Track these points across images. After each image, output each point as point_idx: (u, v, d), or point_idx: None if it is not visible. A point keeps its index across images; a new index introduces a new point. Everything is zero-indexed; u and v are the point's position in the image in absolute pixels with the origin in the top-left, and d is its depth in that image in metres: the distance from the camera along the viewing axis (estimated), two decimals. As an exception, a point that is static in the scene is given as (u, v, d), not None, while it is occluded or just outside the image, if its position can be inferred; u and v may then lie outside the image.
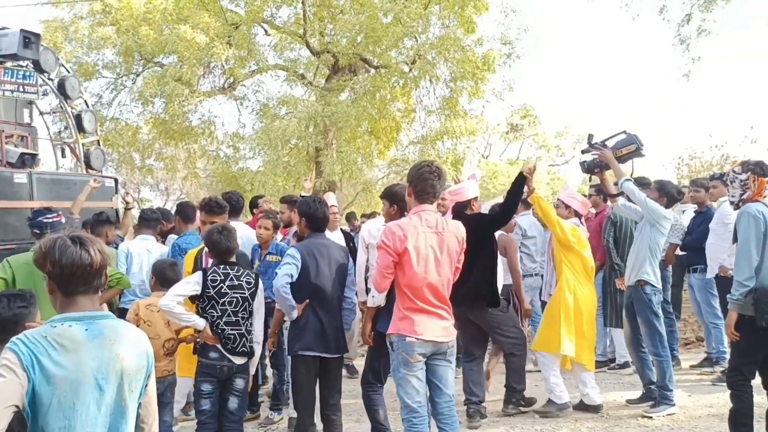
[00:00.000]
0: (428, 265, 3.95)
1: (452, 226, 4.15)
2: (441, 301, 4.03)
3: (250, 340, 4.41)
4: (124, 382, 2.21)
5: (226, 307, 4.34)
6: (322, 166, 15.26)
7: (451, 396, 4.10)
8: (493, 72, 15.49)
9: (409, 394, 3.98)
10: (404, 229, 3.96)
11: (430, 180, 4.05)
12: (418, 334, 3.92)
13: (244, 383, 4.41)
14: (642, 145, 5.79)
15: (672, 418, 5.51)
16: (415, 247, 3.93)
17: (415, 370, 3.97)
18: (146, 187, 31.53)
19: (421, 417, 3.98)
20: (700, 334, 8.45)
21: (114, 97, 17.38)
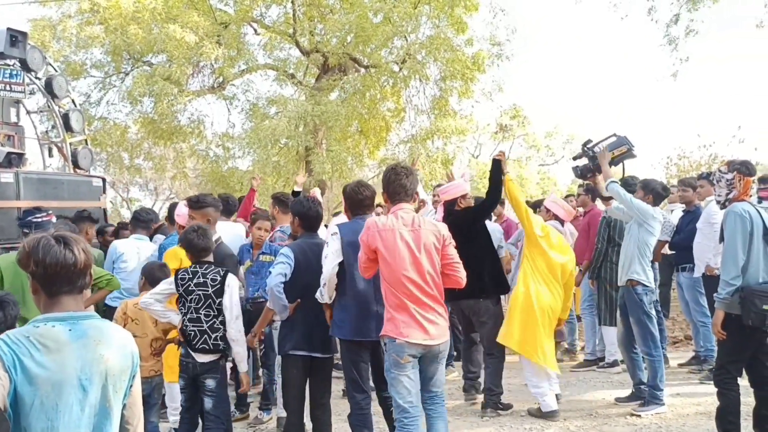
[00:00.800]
0: (404, 261, 3.98)
1: (429, 223, 4.19)
2: (427, 297, 4.01)
3: (216, 338, 4.36)
4: (109, 383, 2.19)
5: (191, 304, 4.37)
6: (312, 165, 15.24)
7: (438, 393, 4.20)
8: (482, 72, 15.55)
9: (401, 393, 4.01)
10: (378, 227, 4.05)
11: (398, 180, 4.18)
12: (404, 336, 3.94)
13: (215, 383, 4.38)
14: (633, 146, 5.85)
15: (660, 417, 5.53)
16: (387, 244, 3.99)
17: (405, 370, 3.99)
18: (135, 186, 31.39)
19: (413, 417, 3.99)
20: (688, 333, 8.48)
21: (102, 97, 17.31)
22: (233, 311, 4.41)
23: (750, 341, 4.36)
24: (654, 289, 5.83)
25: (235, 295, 4.45)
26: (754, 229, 4.33)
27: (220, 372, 4.43)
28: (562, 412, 5.78)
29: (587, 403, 6.10)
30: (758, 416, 4.49)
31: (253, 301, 5.82)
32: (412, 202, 4.30)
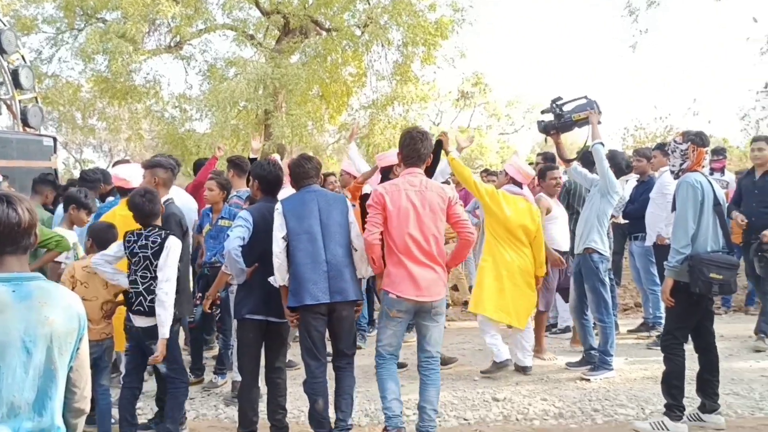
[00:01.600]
0: (408, 220, 4.25)
1: (435, 185, 4.45)
2: (427, 256, 4.27)
3: (151, 300, 4.27)
4: (54, 345, 2.14)
5: (134, 267, 4.33)
6: (271, 129, 15.06)
7: (434, 353, 4.39)
8: (445, 38, 15.44)
9: (381, 341, 4.38)
10: (387, 189, 4.34)
11: (413, 144, 4.41)
12: (398, 291, 4.23)
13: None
14: (600, 112, 5.86)
15: (609, 381, 5.68)
16: (395, 204, 4.27)
17: (392, 324, 4.34)
18: (89, 147, 30.67)
19: (386, 360, 4.37)
20: (638, 300, 8.69)
21: (54, 53, 16.73)
22: (165, 272, 4.27)
23: (697, 308, 4.50)
24: (609, 258, 5.93)
25: (171, 257, 4.30)
26: (705, 199, 4.44)
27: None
28: (515, 377, 5.90)
29: (538, 368, 6.22)
30: (701, 380, 4.65)
31: (211, 265, 5.77)
32: (423, 165, 4.50)
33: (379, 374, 4.40)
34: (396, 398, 4.34)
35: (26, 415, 2.10)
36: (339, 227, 4.33)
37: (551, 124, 6.11)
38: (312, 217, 4.29)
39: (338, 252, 4.28)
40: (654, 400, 5.06)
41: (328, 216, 4.32)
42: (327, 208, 4.35)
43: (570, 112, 6.00)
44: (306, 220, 4.27)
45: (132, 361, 4.46)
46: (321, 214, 4.31)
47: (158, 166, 5.08)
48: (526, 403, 5.20)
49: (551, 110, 6.10)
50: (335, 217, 4.33)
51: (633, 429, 4.61)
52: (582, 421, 4.83)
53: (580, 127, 6.02)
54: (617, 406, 5.05)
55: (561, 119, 6.04)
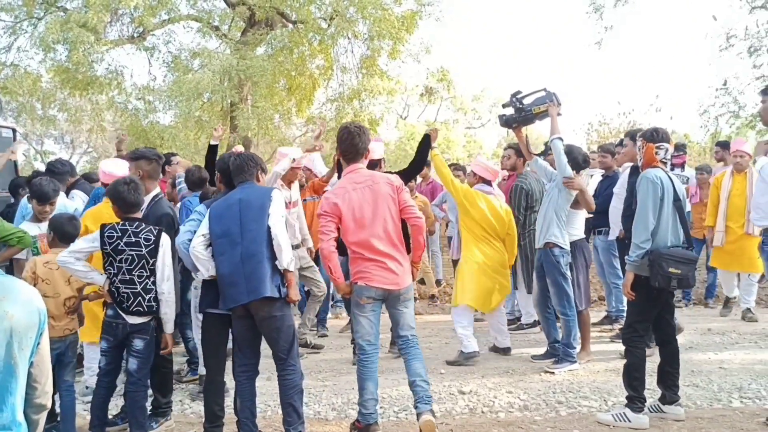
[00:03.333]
0: (365, 218, 4.32)
1: (380, 176, 4.51)
2: (388, 246, 4.36)
3: (149, 299, 4.25)
4: (14, 340, 2.11)
5: (122, 264, 4.20)
6: (237, 122, 14.90)
7: (409, 335, 4.50)
8: (411, 32, 15.43)
9: (359, 332, 4.43)
10: (337, 195, 4.36)
11: (350, 139, 4.44)
12: (367, 280, 4.33)
13: (143, 344, 4.28)
14: (560, 104, 5.90)
15: (573, 373, 5.76)
16: (349, 208, 4.32)
17: (365, 311, 4.39)
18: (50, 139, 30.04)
19: (369, 354, 4.40)
20: (602, 294, 8.83)
21: (12, 42, 16.25)
22: (165, 271, 4.30)
23: (657, 302, 4.59)
24: (569, 251, 5.99)
25: (167, 255, 4.33)
26: (665, 194, 4.52)
27: (149, 333, 4.33)
28: (481, 370, 5.95)
29: (504, 360, 6.30)
30: (662, 372, 4.75)
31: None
32: (364, 159, 4.53)
33: (360, 371, 4.42)
34: (372, 398, 4.38)
35: (-14, 412, 2.07)
36: (255, 223, 4.15)
37: (512, 118, 6.14)
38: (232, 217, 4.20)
39: (253, 248, 4.13)
40: (616, 392, 5.15)
41: (246, 213, 4.19)
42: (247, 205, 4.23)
43: (530, 105, 6.02)
44: (226, 221, 4.20)
45: (110, 361, 4.33)
46: (241, 213, 4.19)
47: (142, 158, 4.95)
48: (491, 395, 5.25)
49: (511, 104, 6.12)
50: (252, 214, 4.19)
51: (596, 421, 4.68)
52: (546, 413, 4.90)
53: (541, 119, 6.05)
54: (581, 398, 5.13)
55: (522, 113, 6.06)
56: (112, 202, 4.35)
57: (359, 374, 4.42)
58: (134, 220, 4.29)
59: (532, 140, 6.72)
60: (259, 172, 4.45)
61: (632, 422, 4.53)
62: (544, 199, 6.08)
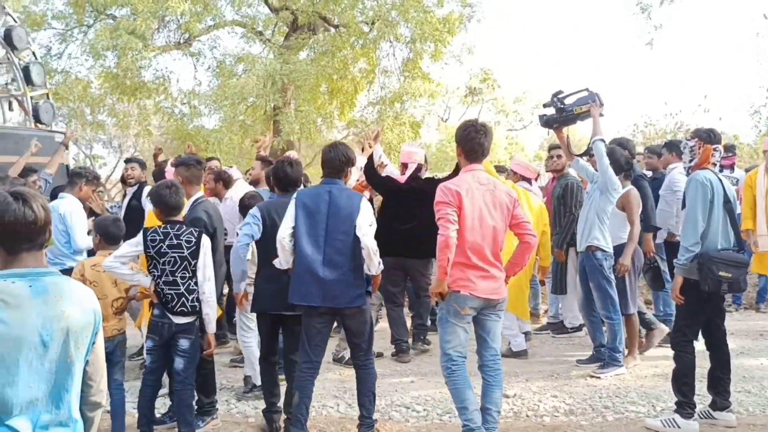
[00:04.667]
0: (482, 222, 4.05)
1: (501, 184, 4.30)
2: (493, 255, 4.12)
3: (193, 299, 4.32)
4: (70, 339, 2.17)
5: (165, 266, 4.28)
6: (280, 126, 15.06)
7: (497, 350, 4.25)
8: (453, 35, 15.40)
9: (451, 342, 4.10)
10: (460, 187, 4.05)
11: (477, 138, 4.17)
12: (471, 289, 4.03)
13: (188, 343, 4.35)
14: (602, 104, 5.81)
15: (619, 378, 5.68)
16: (471, 205, 4.03)
17: (463, 321, 4.11)
18: (99, 143, 30.72)
19: (458, 365, 4.10)
20: (648, 297, 8.67)
21: (64, 50, 16.80)
22: (206, 273, 4.37)
23: (706, 306, 4.49)
24: (612, 254, 5.89)
25: (208, 256, 4.41)
26: (715, 196, 4.43)
27: (194, 333, 4.40)
28: (525, 374, 5.90)
29: (548, 364, 6.23)
30: (712, 377, 4.65)
31: None
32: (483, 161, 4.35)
33: (454, 382, 4.11)
34: (477, 409, 4.09)
35: (44, 408, 2.13)
36: (342, 233, 4.24)
37: (553, 118, 6.03)
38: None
39: (338, 257, 4.23)
40: (665, 398, 5.06)
41: (334, 218, 4.27)
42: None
43: (571, 105, 5.92)
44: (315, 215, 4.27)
45: (156, 360, 4.42)
46: (329, 216, 4.26)
47: (181, 165, 5.11)
48: (536, 399, 5.20)
49: (552, 104, 6.03)
50: (339, 220, 4.27)
51: (644, 426, 4.61)
52: (593, 418, 4.84)
53: (582, 120, 5.95)
54: (628, 404, 5.06)
55: (563, 113, 5.95)
56: (155, 205, 4.45)
57: (453, 385, 4.11)
58: (175, 223, 4.37)
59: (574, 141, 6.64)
60: (350, 170, 4.55)
61: (682, 428, 4.45)
62: (586, 201, 5.98)
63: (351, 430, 4.69)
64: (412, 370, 6.19)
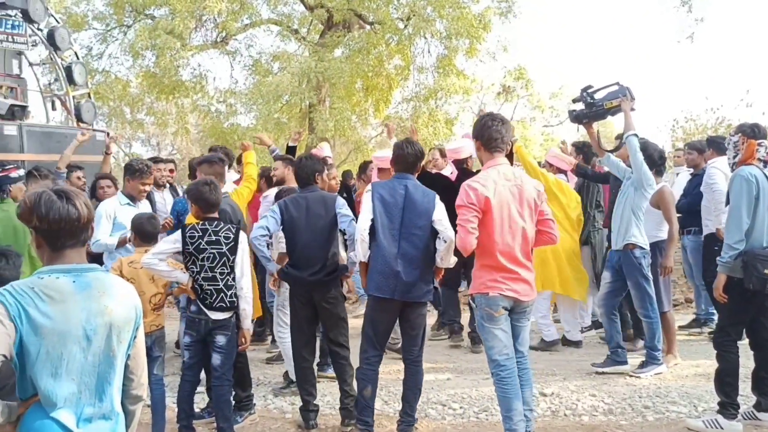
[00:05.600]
0: (511, 221, 3.90)
1: (528, 178, 4.16)
2: (523, 254, 3.97)
3: (231, 295, 4.37)
4: (113, 334, 2.21)
5: (204, 262, 4.32)
6: (314, 123, 15.14)
7: (524, 353, 4.14)
8: (488, 31, 15.30)
9: (495, 347, 3.97)
10: (486, 186, 3.89)
11: (493, 127, 4.02)
12: (498, 290, 3.92)
13: (225, 340, 4.39)
14: (633, 99, 5.70)
15: (660, 378, 5.58)
16: (498, 204, 3.88)
17: (499, 323, 3.96)
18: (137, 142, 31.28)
19: (509, 370, 3.95)
20: (689, 296, 8.53)
21: (104, 50, 17.11)
22: (244, 269, 4.43)
23: (751, 304, 4.38)
24: (649, 252, 5.72)
25: (246, 253, 4.47)
26: (761, 193, 4.31)
27: (231, 329, 4.45)
28: (562, 372, 5.84)
29: (586, 363, 6.15)
30: (757, 378, 4.54)
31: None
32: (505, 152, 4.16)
33: (502, 389, 3.96)
34: (522, 419, 3.96)
35: (87, 401, 2.17)
36: (419, 228, 4.33)
37: (583, 113, 5.92)
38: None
39: (413, 251, 4.30)
40: (707, 398, 4.96)
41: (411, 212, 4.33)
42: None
43: (601, 99, 5.79)
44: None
45: (193, 355, 4.47)
46: (405, 209, 4.32)
47: (204, 162, 5.21)
48: (574, 398, 5.14)
49: (582, 99, 5.92)
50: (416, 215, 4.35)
51: (685, 427, 4.52)
52: (632, 417, 4.76)
53: (613, 115, 5.83)
54: (669, 404, 4.96)
55: (593, 108, 5.83)
56: (193, 202, 4.48)
57: (502, 395, 3.96)
58: (213, 220, 4.42)
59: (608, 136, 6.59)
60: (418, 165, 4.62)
61: (725, 429, 4.35)
62: (619, 198, 5.81)
63: (387, 427, 4.69)
64: (449, 368, 6.17)
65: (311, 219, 4.65)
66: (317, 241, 4.65)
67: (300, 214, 4.66)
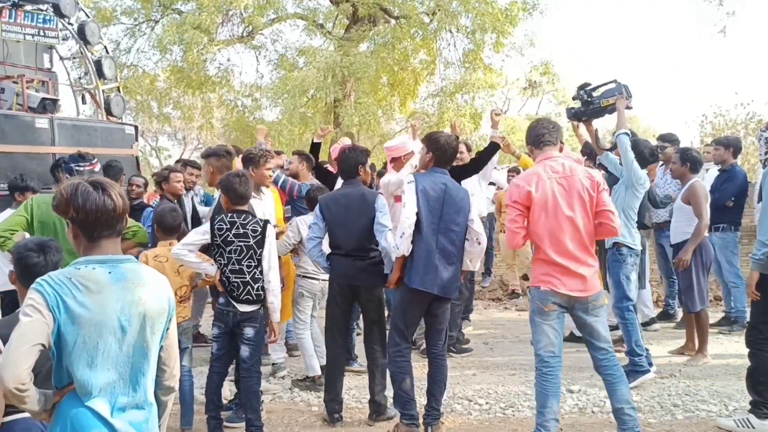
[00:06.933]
0: (557, 214, 3.86)
1: (581, 169, 4.03)
2: (578, 248, 3.89)
3: (258, 288, 4.39)
4: (147, 324, 2.23)
5: (231, 255, 4.34)
6: (340, 118, 15.17)
7: (608, 348, 4.03)
8: (515, 25, 15.18)
9: (541, 342, 3.95)
10: (529, 182, 3.91)
11: (539, 124, 4.14)
12: (552, 285, 3.88)
13: (253, 332, 4.41)
14: (630, 96, 5.60)
15: (690, 376, 5.51)
16: (542, 198, 3.86)
17: (549, 319, 3.92)
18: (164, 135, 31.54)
19: (552, 368, 3.92)
20: (717, 294, 8.41)
21: (132, 44, 17.27)
22: (271, 261, 4.43)
23: (785, 302, 4.29)
24: (638, 252, 5.58)
25: (273, 245, 4.48)
26: (794, 189, 4.23)
27: (258, 321, 4.46)
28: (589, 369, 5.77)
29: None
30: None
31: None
32: (559, 149, 4.17)
33: (541, 385, 3.94)
34: (555, 418, 3.93)
35: (121, 391, 2.20)
36: (456, 224, 4.34)
37: (580, 111, 5.84)
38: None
39: (451, 247, 4.32)
40: (737, 397, 4.89)
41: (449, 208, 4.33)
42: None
43: (598, 97, 5.71)
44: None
45: (222, 347, 4.49)
46: (444, 203, 4.31)
47: (212, 155, 5.26)
48: (602, 395, 5.08)
49: (579, 97, 5.87)
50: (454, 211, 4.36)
51: (716, 426, 4.46)
52: (661, 416, 4.71)
53: (610, 113, 5.69)
54: (699, 402, 4.90)
55: (590, 106, 5.77)
56: (224, 193, 4.50)
57: (540, 390, 3.94)
58: (242, 212, 4.43)
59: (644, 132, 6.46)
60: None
61: (757, 429, 4.27)
62: (612, 196, 5.68)
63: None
64: (474, 363, 6.16)
65: (353, 216, 4.69)
66: (358, 238, 4.69)
67: (340, 211, 4.71)
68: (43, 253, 2.91)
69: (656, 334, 6.97)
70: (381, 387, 4.78)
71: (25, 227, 4.57)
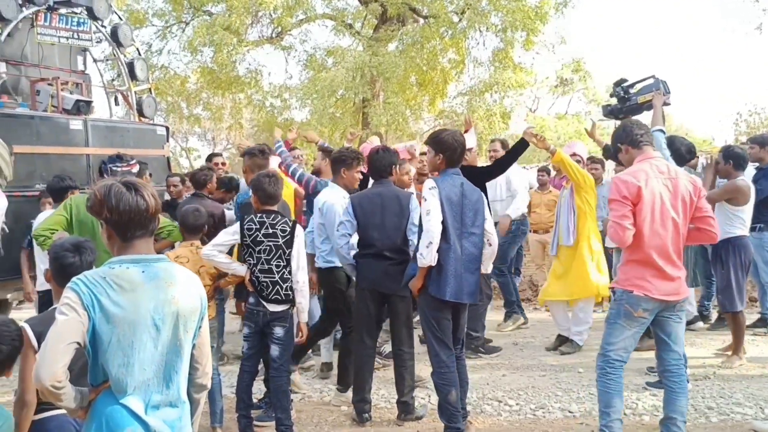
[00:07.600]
0: (663, 216, 3.74)
1: (683, 173, 3.95)
2: (675, 251, 3.79)
3: (287, 288, 4.40)
4: (180, 323, 2.26)
5: (261, 255, 4.36)
6: (369, 118, 15.17)
7: (681, 354, 3.94)
8: (545, 22, 15.04)
9: (615, 344, 3.84)
10: (636, 177, 3.76)
11: (635, 124, 4.08)
12: (647, 290, 3.74)
13: (283, 331, 4.42)
14: (668, 93, 5.49)
15: (724, 379, 5.42)
16: (651, 196, 3.72)
17: (635, 325, 3.82)
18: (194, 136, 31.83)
19: (617, 370, 3.86)
20: (753, 295, 8.24)
21: (163, 46, 17.46)
22: (300, 261, 4.45)
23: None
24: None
25: (302, 246, 4.49)
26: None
27: (288, 320, 4.48)
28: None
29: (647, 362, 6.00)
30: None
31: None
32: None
33: (605, 384, 3.87)
34: (619, 418, 3.87)
35: (155, 388, 2.23)
36: (475, 226, 4.28)
37: (617, 108, 5.75)
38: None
39: (473, 250, 4.27)
40: (774, 400, 4.80)
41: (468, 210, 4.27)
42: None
43: (635, 94, 5.62)
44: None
45: (252, 346, 4.53)
46: (464, 206, 4.24)
47: (245, 154, 5.35)
48: (634, 397, 5.04)
49: (615, 94, 5.77)
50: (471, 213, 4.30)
51: (751, 429, 4.38)
52: (695, 418, 4.63)
53: (648, 110, 5.54)
54: (733, 405, 4.82)
55: (626, 102, 5.67)
56: (254, 192, 4.52)
57: (604, 388, 3.87)
58: (271, 212, 4.44)
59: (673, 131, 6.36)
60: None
61: (794, 433, 4.20)
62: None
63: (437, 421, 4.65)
64: (504, 364, 6.12)
65: (387, 216, 4.69)
66: (394, 238, 4.71)
67: (376, 210, 4.70)
68: (78, 254, 2.95)
69: (690, 335, 6.84)
70: (409, 388, 4.76)
71: (64, 226, 4.64)
